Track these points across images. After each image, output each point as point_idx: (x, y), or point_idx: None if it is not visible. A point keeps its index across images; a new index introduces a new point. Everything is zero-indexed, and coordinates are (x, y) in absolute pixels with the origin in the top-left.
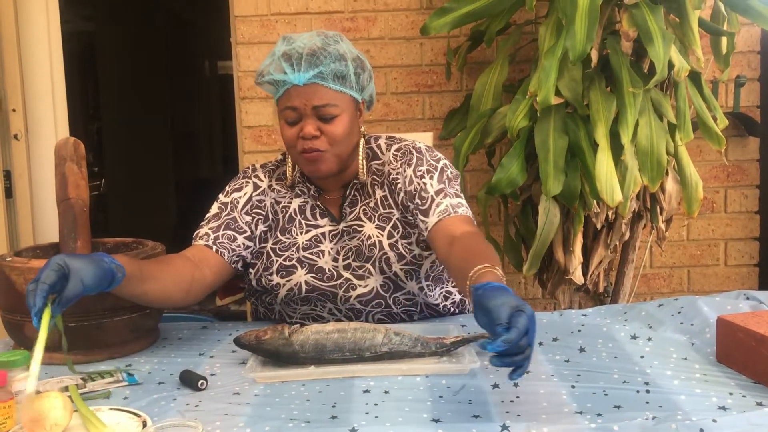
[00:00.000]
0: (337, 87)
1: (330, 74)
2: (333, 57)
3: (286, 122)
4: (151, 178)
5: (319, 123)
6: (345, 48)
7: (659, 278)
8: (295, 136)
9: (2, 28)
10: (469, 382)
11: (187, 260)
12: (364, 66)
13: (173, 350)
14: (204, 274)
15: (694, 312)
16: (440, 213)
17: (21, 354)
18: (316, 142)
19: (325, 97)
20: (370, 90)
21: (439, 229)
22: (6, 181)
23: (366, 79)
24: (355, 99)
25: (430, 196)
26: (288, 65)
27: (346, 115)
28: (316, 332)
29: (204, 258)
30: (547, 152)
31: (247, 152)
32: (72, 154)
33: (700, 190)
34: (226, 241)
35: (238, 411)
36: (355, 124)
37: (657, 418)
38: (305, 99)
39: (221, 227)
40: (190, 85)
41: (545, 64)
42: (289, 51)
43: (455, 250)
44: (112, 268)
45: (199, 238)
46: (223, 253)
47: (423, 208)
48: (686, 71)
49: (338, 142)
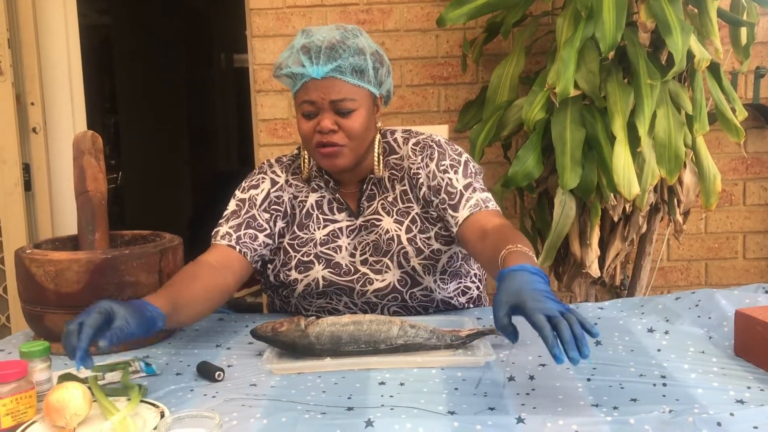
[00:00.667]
0: (356, 81)
1: (348, 68)
2: (352, 51)
3: (303, 116)
4: (168, 171)
5: (336, 117)
6: (364, 42)
7: (676, 271)
8: (312, 129)
9: (21, 23)
10: (485, 374)
11: (211, 271)
12: (383, 61)
13: (190, 342)
14: (227, 282)
15: (712, 305)
16: (471, 207)
17: (41, 345)
18: (333, 136)
19: (343, 91)
20: (388, 85)
21: (471, 223)
22: (25, 173)
23: (384, 74)
24: (373, 94)
25: (458, 191)
26: (306, 58)
27: (364, 109)
28: (332, 324)
29: (227, 262)
30: (563, 145)
31: (262, 145)
32: (90, 147)
33: (718, 183)
34: (248, 240)
35: (255, 402)
36: (372, 119)
37: (674, 412)
38: (323, 93)
39: (242, 226)
40: (205, 79)
41: (564, 55)
42: (308, 44)
43: (488, 242)
44: (155, 316)
45: (220, 238)
46: (246, 254)
47: (452, 203)
48: (707, 62)
49: (355, 136)
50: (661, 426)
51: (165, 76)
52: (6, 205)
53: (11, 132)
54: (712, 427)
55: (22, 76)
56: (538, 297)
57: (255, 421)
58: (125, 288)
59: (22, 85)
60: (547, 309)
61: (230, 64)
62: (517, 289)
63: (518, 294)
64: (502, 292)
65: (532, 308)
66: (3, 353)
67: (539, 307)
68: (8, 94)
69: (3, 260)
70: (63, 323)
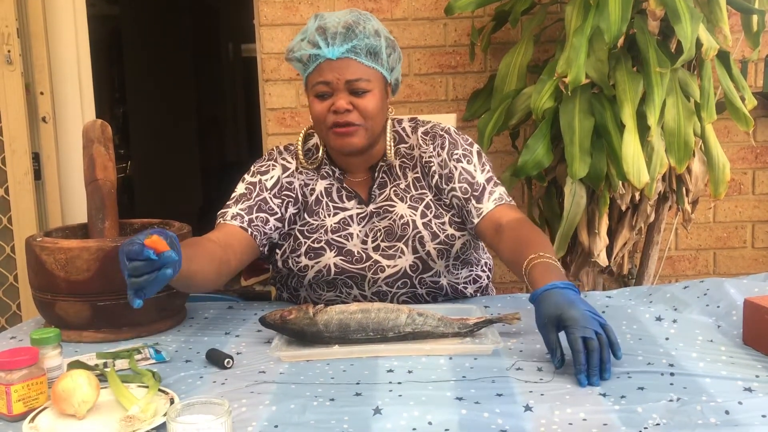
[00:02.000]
0: (370, 63)
1: (363, 49)
2: (367, 32)
3: (317, 96)
4: (176, 160)
5: (351, 97)
6: (378, 26)
7: (684, 260)
8: (326, 110)
9: (30, 13)
10: (493, 362)
11: (213, 243)
12: (395, 47)
13: (200, 329)
14: (228, 259)
15: (721, 294)
16: (495, 200)
17: (52, 332)
18: (348, 115)
19: (358, 72)
20: (397, 73)
21: (489, 216)
22: (35, 162)
23: (395, 60)
24: (386, 77)
25: (480, 183)
26: (322, 39)
27: (378, 91)
28: (340, 312)
29: (230, 243)
30: (572, 134)
31: (270, 134)
32: (99, 136)
33: (727, 172)
34: (260, 223)
35: (264, 389)
36: (385, 102)
37: (682, 400)
38: (338, 73)
39: (254, 209)
40: (214, 68)
41: (575, 43)
42: (324, 25)
43: (504, 239)
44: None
45: (231, 218)
46: (256, 237)
47: (476, 194)
48: (715, 50)
49: (370, 116)
50: (669, 414)
51: (173, 65)
52: (16, 194)
53: (21, 121)
54: (720, 416)
55: (32, 66)
56: (577, 316)
57: (264, 408)
58: None
59: (32, 75)
60: (586, 331)
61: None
62: (557, 311)
63: (560, 316)
64: (543, 315)
65: (573, 330)
66: (14, 340)
67: (579, 327)
68: (18, 83)
69: (14, 248)
70: (74, 310)
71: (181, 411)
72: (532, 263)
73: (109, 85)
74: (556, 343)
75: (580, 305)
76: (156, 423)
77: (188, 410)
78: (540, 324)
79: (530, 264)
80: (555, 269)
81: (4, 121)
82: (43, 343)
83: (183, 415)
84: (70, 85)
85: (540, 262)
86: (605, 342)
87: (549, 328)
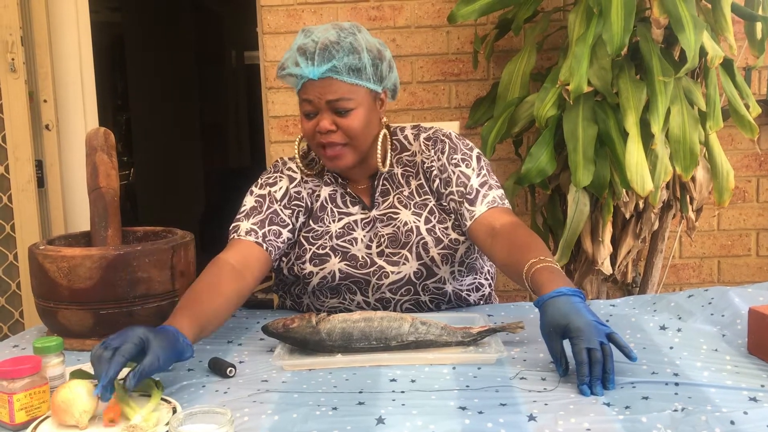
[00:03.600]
0: (353, 80)
1: (344, 68)
2: (346, 50)
3: (305, 115)
4: (179, 168)
5: (334, 117)
6: (361, 40)
7: (688, 268)
8: (313, 129)
9: (34, 21)
10: (496, 371)
11: (233, 275)
12: (383, 56)
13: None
14: (247, 283)
15: (725, 303)
16: (488, 203)
17: (55, 340)
18: (332, 136)
19: (339, 91)
20: (393, 79)
21: (482, 219)
22: (38, 170)
23: (386, 69)
24: (374, 91)
25: (473, 187)
26: (303, 59)
27: (362, 108)
28: (343, 321)
29: (248, 263)
30: (576, 142)
31: (273, 142)
32: (102, 144)
33: (731, 179)
34: (273, 237)
35: (266, 398)
36: (373, 116)
37: (686, 410)
38: (319, 93)
39: (266, 222)
40: (217, 76)
41: (577, 51)
42: (304, 45)
43: (499, 243)
44: (184, 348)
45: (245, 234)
46: (271, 252)
47: (469, 197)
48: (720, 58)
49: (354, 135)
50: (674, 424)
51: (176, 73)
52: (19, 201)
53: (24, 129)
54: (726, 426)
55: (35, 74)
56: (583, 327)
57: (266, 417)
58: (137, 284)
59: (35, 83)
60: (591, 341)
61: (241, 61)
62: (563, 320)
63: (566, 326)
64: (548, 323)
65: (578, 340)
66: (17, 349)
67: (584, 338)
68: (21, 91)
69: (16, 256)
70: (76, 319)
71: (184, 420)
72: (534, 267)
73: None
74: (560, 353)
75: (586, 315)
76: None
77: (191, 419)
78: (545, 331)
79: (532, 268)
80: (560, 274)
81: (8, 129)
82: (45, 351)
83: (185, 424)
84: (73, 93)
85: (544, 267)
86: (609, 353)
87: (554, 337)
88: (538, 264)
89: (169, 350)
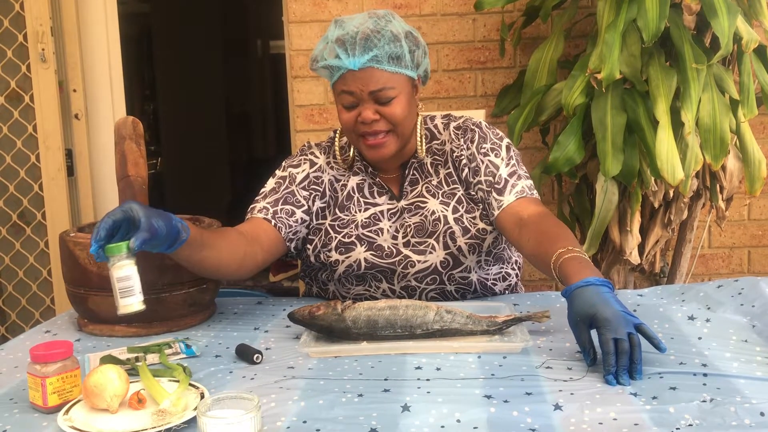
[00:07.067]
0: (393, 68)
1: (385, 56)
2: (387, 39)
3: (344, 106)
4: (206, 157)
5: (376, 106)
6: (398, 27)
7: (718, 259)
8: (354, 120)
9: (63, 12)
10: (522, 360)
11: (240, 234)
12: (418, 42)
13: (229, 324)
14: (255, 251)
15: (756, 293)
16: (517, 193)
17: (123, 243)
18: (376, 125)
19: (381, 80)
20: (425, 65)
21: (509, 209)
22: (68, 159)
23: (421, 55)
24: (411, 77)
25: (502, 176)
26: (342, 50)
27: (404, 95)
28: (368, 308)
29: (257, 236)
30: (605, 130)
31: (299, 131)
32: (131, 132)
33: (764, 168)
34: (284, 216)
35: (293, 384)
36: (413, 103)
37: (715, 401)
38: (361, 84)
39: (279, 201)
40: (243, 65)
41: (607, 38)
42: (343, 36)
43: (527, 233)
44: (179, 226)
45: (257, 212)
46: (280, 228)
47: (498, 186)
48: (755, 43)
49: (398, 123)
50: (702, 415)
51: (203, 62)
52: (50, 189)
53: (54, 118)
54: (755, 417)
55: (65, 64)
56: (610, 317)
57: (293, 403)
58: (166, 271)
59: (65, 73)
60: (618, 332)
61: (267, 50)
62: (590, 310)
63: (594, 316)
64: (576, 313)
65: (605, 330)
66: (49, 334)
67: (611, 328)
68: (51, 81)
69: (47, 243)
70: (106, 305)
71: (211, 405)
72: (562, 257)
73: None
74: (588, 343)
75: (614, 305)
76: (186, 417)
77: (218, 405)
78: (572, 321)
79: (561, 258)
80: (588, 264)
81: (39, 118)
82: (114, 251)
83: (213, 409)
84: (102, 83)
85: (573, 257)
86: (637, 343)
87: (581, 327)
88: (567, 254)
89: (162, 220)
